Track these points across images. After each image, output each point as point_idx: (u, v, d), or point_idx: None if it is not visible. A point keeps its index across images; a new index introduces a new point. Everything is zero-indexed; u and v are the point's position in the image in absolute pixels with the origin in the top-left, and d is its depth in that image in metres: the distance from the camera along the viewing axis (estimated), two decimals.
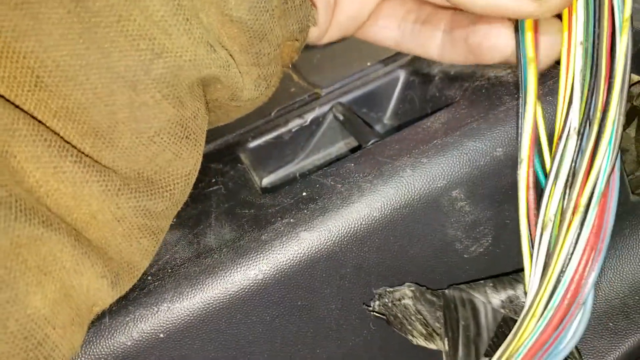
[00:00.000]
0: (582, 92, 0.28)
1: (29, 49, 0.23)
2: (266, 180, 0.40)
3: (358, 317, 0.31)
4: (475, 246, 0.33)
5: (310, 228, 0.30)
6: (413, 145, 0.32)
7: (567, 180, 0.28)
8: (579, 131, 0.28)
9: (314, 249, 0.30)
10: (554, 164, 0.28)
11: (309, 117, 0.40)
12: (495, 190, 0.32)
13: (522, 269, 0.29)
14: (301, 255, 0.29)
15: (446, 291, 0.31)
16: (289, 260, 0.29)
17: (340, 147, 0.41)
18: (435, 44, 0.34)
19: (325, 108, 0.40)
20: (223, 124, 0.33)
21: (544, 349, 0.27)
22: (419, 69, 0.40)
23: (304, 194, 0.32)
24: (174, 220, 0.33)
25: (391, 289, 0.31)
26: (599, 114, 0.27)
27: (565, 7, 0.27)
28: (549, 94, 0.32)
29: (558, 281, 0.27)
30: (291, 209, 0.31)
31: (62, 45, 0.23)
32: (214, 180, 0.35)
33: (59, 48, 0.23)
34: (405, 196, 0.31)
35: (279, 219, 0.30)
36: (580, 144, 0.27)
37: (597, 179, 0.26)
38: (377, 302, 0.30)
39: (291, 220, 0.30)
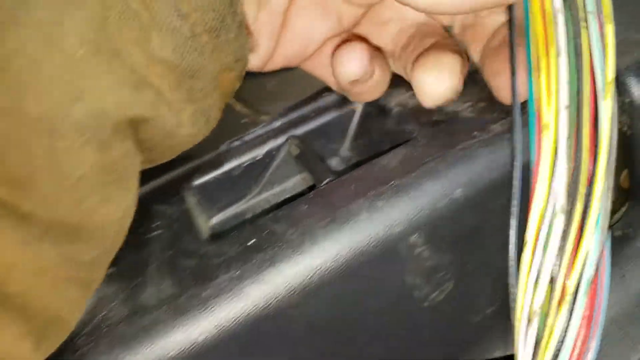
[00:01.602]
0: (568, 163, 0.24)
1: None
2: (216, 220, 0.38)
3: None
4: (436, 293, 0.31)
5: (257, 282, 0.28)
6: (369, 186, 0.30)
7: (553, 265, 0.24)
8: (566, 210, 0.24)
9: (261, 305, 0.27)
10: (537, 248, 0.24)
11: (262, 150, 0.38)
12: (456, 233, 0.31)
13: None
14: (247, 313, 0.27)
15: None
16: (233, 320, 0.27)
17: (296, 181, 0.39)
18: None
19: (280, 140, 0.38)
20: (167, 160, 0.30)
21: None
22: (377, 100, 0.38)
23: (252, 241, 0.29)
24: (112, 269, 0.31)
25: None
26: (583, 189, 0.23)
27: None
28: None
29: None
30: (237, 260, 0.29)
31: None
32: (155, 224, 0.33)
33: None
34: (361, 243, 0.29)
35: (224, 272, 0.28)
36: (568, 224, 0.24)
37: (584, 263, 0.24)
38: None
39: (237, 273, 0.28)
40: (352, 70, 0.30)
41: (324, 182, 0.33)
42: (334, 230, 0.29)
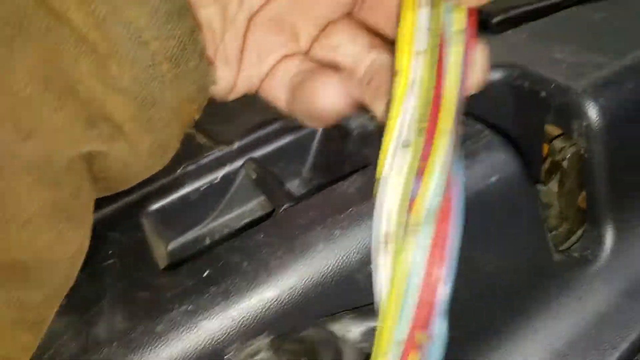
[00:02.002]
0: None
1: None
2: (173, 245, 0.37)
3: None
4: None
5: (210, 316, 0.27)
6: (327, 214, 0.30)
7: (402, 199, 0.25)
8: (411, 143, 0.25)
9: (214, 340, 0.27)
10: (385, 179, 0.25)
11: (220, 173, 0.37)
12: None
13: None
14: (200, 349, 0.27)
15: (307, 333, 0.28)
16: (186, 355, 0.26)
17: (254, 204, 0.38)
18: None
19: (238, 164, 0.37)
20: (122, 189, 0.30)
21: None
22: (337, 122, 0.38)
23: (207, 273, 0.29)
24: (63, 301, 0.30)
25: (244, 346, 0.28)
26: (427, 125, 0.24)
27: None
28: None
29: (402, 312, 0.24)
30: (191, 293, 0.28)
31: None
32: (109, 252, 0.32)
33: None
34: (318, 274, 0.28)
35: (177, 305, 0.27)
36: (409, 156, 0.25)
37: (427, 194, 0.24)
38: None
39: (190, 307, 0.27)
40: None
41: (283, 207, 0.33)
42: (290, 261, 0.28)
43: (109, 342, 0.27)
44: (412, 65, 0.25)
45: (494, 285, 0.33)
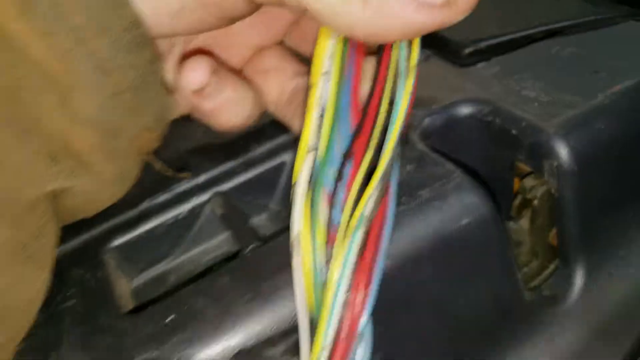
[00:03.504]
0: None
1: None
2: (137, 281, 0.36)
3: None
4: None
5: None
6: None
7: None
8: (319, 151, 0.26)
9: None
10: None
11: (185, 208, 0.36)
12: (386, 304, 0.30)
13: None
14: None
15: None
16: None
17: (220, 240, 0.37)
18: None
19: (204, 197, 0.37)
20: (83, 217, 0.29)
21: None
22: None
23: (171, 318, 0.28)
24: (23, 344, 0.29)
25: None
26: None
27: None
28: None
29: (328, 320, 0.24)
30: (154, 340, 0.27)
31: None
32: (70, 292, 0.31)
33: None
34: (286, 322, 0.28)
35: (141, 352, 0.27)
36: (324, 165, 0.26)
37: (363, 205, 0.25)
38: None
39: (154, 353, 0.26)
40: (193, 79, 0.30)
41: (249, 248, 0.32)
42: (256, 307, 0.28)
43: None
44: (322, 80, 0.27)
45: (464, 326, 0.33)
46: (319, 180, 0.26)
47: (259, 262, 0.30)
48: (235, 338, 0.27)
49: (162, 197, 0.36)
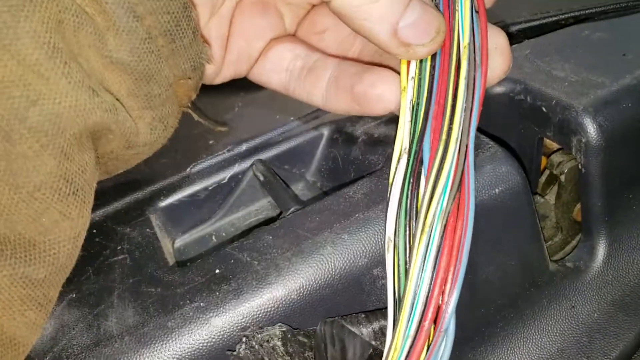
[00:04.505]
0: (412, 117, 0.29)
1: None
2: (179, 242, 0.38)
3: None
4: None
5: (222, 313, 0.28)
6: (334, 219, 0.31)
7: (406, 205, 0.27)
8: (409, 151, 0.28)
9: (225, 336, 0.28)
10: (391, 188, 0.28)
11: (228, 173, 0.38)
12: None
13: None
14: (211, 344, 0.27)
15: (318, 328, 0.29)
16: (198, 351, 0.27)
17: (261, 205, 0.39)
18: (320, 92, 0.33)
19: (245, 164, 0.38)
20: (122, 171, 0.30)
21: None
22: (343, 128, 0.39)
23: (217, 271, 0.29)
24: (74, 294, 0.30)
25: (260, 331, 0.29)
26: (444, 136, 0.27)
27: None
28: None
29: (412, 309, 0.26)
30: (202, 290, 0.29)
31: None
32: (119, 247, 0.33)
33: None
34: (326, 276, 0.29)
35: (188, 301, 0.28)
36: (412, 164, 0.28)
37: (438, 199, 0.26)
38: (242, 346, 0.28)
39: (201, 304, 0.28)
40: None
41: (290, 210, 0.33)
42: (298, 263, 0.29)
43: (121, 337, 0.27)
44: (410, 84, 0.29)
45: (490, 291, 0.34)
46: (407, 177, 0.28)
47: (299, 224, 0.31)
48: (280, 290, 0.29)
49: (206, 163, 0.38)
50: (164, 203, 0.37)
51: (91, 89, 0.24)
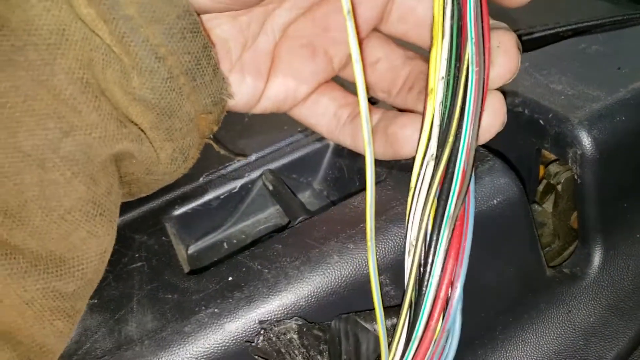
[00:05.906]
0: (441, 121, 0.28)
1: None
2: (193, 248, 0.39)
3: None
4: None
5: (235, 319, 0.29)
6: (340, 228, 0.32)
7: (424, 204, 0.28)
8: (436, 157, 0.28)
9: (238, 341, 0.29)
10: (414, 193, 0.28)
11: (238, 183, 0.39)
12: None
13: None
14: (225, 348, 0.29)
15: (333, 323, 0.31)
16: (213, 354, 0.29)
17: (270, 213, 0.41)
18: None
19: (255, 174, 0.40)
20: (144, 195, 0.32)
21: None
22: None
23: (230, 278, 0.31)
24: (95, 300, 0.32)
25: (277, 323, 0.30)
26: (451, 138, 0.27)
27: None
28: None
29: (418, 308, 0.27)
30: (216, 297, 0.30)
31: None
32: (137, 255, 0.34)
33: None
34: (332, 283, 0.31)
35: (203, 308, 0.30)
36: (441, 170, 0.28)
37: (447, 201, 0.27)
38: (261, 338, 0.30)
39: (215, 310, 0.30)
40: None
41: (298, 220, 0.35)
42: (306, 271, 0.31)
43: (141, 341, 0.29)
44: (438, 87, 0.28)
45: (490, 296, 0.36)
46: (433, 183, 0.28)
47: (307, 233, 0.33)
48: (289, 297, 0.30)
49: (218, 173, 0.40)
50: (178, 212, 0.38)
51: (119, 120, 0.25)
